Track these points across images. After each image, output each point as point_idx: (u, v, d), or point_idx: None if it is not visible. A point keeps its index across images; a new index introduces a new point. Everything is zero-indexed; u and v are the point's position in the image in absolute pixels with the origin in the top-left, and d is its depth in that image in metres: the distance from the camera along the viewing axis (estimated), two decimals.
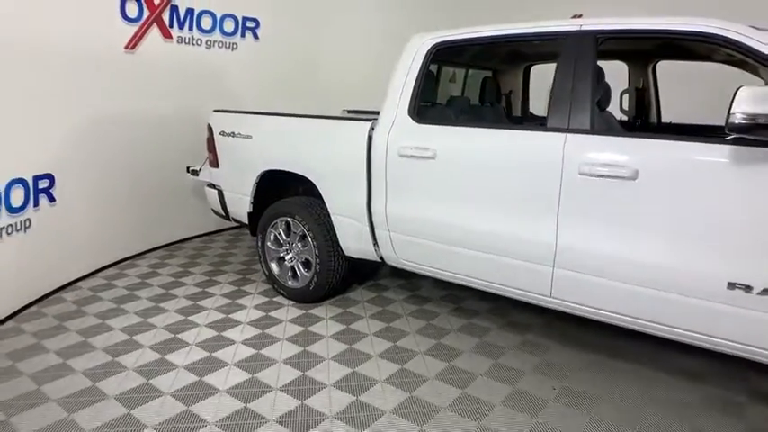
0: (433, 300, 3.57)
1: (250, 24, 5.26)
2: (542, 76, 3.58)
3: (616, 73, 3.56)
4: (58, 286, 3.71)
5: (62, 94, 3.63)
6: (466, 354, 2.83)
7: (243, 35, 5.22)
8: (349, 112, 4.58)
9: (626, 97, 3.56)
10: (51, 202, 3.60)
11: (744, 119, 1.71)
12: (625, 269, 2.16)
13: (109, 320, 3.22)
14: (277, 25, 5.40)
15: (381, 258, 3.14)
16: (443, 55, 2.91)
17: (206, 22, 4.89)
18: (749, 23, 2.04)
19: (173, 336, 3.03)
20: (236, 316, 3.30)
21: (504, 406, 2.36)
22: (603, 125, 2.48)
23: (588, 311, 2.38)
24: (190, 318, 3.27)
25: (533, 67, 4.16)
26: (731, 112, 1.74)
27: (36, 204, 3.46)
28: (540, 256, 2.38)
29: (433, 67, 3.41)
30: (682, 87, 3.51)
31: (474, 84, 3.73)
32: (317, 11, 5.71)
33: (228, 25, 5.08)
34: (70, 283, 3.80)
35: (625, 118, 3.58)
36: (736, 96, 1.73)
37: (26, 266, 3.39)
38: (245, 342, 2.96)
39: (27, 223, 3.37)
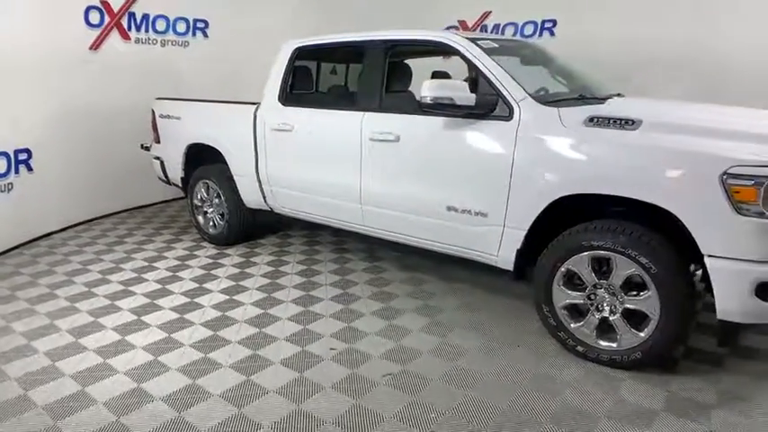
0: (322, 243, 4.62)
1: (200, 25, 6.25)
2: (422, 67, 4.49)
3: None
4: (36, 236, 4.80)
5: (38, 83, 4.66)
6: (323, 274, 3.89)
7: (194, 34, 6.22)
8: None
9: None
10: (29, 171, 4.66)
11: (430, 100, 2.72)
12: (395, 201, 3.20)
13: (71, 257, 4.31)
14: (225, 25, 6.37)
15: (270, 208, 4.19)
16: (306, 55, 3.92)
17: (160, 25, 5.89)
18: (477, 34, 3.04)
19: (115, 265, 4.11)
20: (168, 254, 4.37)
21: (373, 316, 3.41)
22: (390, 105, 3.34)
23: (386, 234, 3.41)
24: (132, 255, 4.35)
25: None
26: (421, 96, 2.74)
27: (17, 172, 4.52)
28: (354, 197, 3.41)
29: (311, 64, 4.42)
30: None
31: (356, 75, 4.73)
32: (259, 11, 6.67)
33: (181, 26, 6.08)
34: (46, 235, 4.89)
35: None
36: (423, 86, 2.73)
37: (9, 220, 4.46)
38: (167, 269, 4.03)
39: (10, 186, 4.43)
